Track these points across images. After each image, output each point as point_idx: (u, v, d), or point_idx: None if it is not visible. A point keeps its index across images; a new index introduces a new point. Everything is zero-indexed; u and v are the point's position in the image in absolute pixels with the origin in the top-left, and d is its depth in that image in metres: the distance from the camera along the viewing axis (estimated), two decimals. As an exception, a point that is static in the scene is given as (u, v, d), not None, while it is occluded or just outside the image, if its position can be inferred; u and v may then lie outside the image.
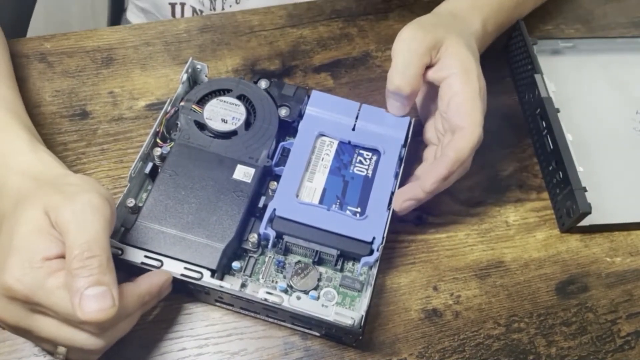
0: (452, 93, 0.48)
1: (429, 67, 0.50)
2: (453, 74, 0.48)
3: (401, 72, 0.49)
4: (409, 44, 0.49)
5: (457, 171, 0.49)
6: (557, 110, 0.55)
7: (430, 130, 0.53)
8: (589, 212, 0.50)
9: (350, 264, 0.48)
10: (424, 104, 0.54)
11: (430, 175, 0.48)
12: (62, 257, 0.38)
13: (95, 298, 0.36)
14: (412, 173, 0.52)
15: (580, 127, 0.58)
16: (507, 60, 0.64)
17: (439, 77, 0.49)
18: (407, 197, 0.49)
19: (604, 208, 0.53)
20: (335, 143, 0.52)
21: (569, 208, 0.52)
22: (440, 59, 0.49)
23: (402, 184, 0.51)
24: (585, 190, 0.51)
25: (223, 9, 0.69)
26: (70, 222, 0.38)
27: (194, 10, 0.71)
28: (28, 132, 0.46)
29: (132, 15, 0.80)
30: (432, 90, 0.51)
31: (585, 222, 0.52)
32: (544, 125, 0.56)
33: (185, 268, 0.45)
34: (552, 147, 0.54)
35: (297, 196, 0.49)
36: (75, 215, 0.38)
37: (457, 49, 0.49)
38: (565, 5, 0.70)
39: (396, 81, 0.49)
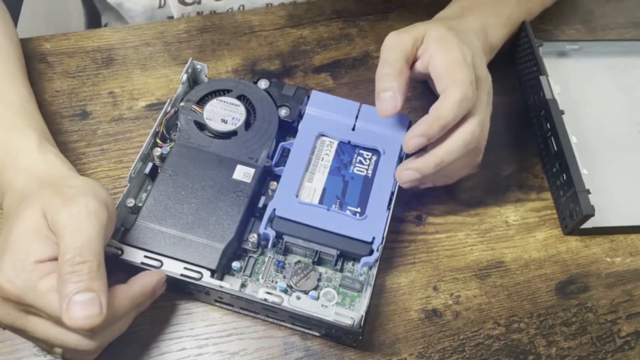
0: (436, 68, 0.48)
1: (415, 61, 0.50)
2: (433, 52, 0.48)
3: (386, 58, 0.49)
4: (391, 40, 0.49)
5: (461, 154, 0.48)
6: (562, 112, 0.55)
7: None
8: (592, 215, 0.50)
9: (350, 264, 0.48)
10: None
11: (410, 132, 0.47)
12: (56, 259, 0.38)
13: (82, 305, 0.36)
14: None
15: (584, 130, 0.58)
16: (512, 62, 0.64)
17: (424, 62, 0.49)
18: (407, 166, 0.49)
19: (608, 211, 0.53)
20: (335, 143, 0.52)
21: (572, 210, 0.52)
22: (423, 48, 0.49)
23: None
24: (589, 193, 0.51)
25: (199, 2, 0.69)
26: (65, 226, 0.38)
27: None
28: (39, 132, 0.47)
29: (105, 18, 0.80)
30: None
31: (588, 224, 0.52)
32: (549, 127, 0.56)
33: (185, 268, 0.45)
34: (556, 149, 0.54)
35: (297, 196, 0.49)
36: (70, 219, 0.38)
37: (436, 33, 0.49)
38: (565, 5, 0.70)
39: (383, 67, 0.48)
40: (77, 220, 0.38)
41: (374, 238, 0.47)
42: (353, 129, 0.53)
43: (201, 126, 0.51)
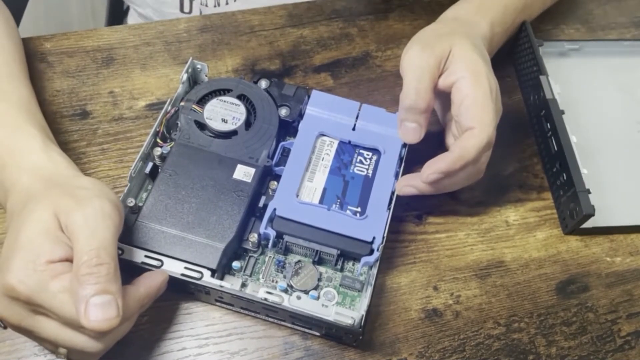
0: (462, 96, 0.48)
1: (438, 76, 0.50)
2: (462, 77, 0.48)
3: (414, 88, 0.49)
4: (418, 60, 0.49)
5: (465, 172, 0.49)
6: (562, 112, 0.55)
7: (449, 137, 0.53)
8: (593, 215, 0.50)
9: (350, 263, 0.48)
10: (443, 111, 0.54)
11: (430, 167, 0.48)
12: (67, 260, 0.38)
13: (101, 307, 0.36)
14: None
15: (584, 129, 0.58)
16: (512, 61, 0.64)
17: (449, 83, 0.49)
18: (408, 183, 0.50)
19: (608, 210, 0.53)
20: (336, 143, 0.52)
21: (572, 210, 0.52)
22: (448, 66, 0.49)
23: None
24: (589, 193, 0.51)
25: (218, 4, 0.69)
26: (80, 227, 0.38)
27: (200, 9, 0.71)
28: (41, 131, 0.47)
29: (132, 20, 0.80)
30: (448, 97, 0.51)
31: (588, 224, 0.52)
32: (549, 127, 0.55)
33: (186, 268, 0.45)
34: (556, 148, 0.54)
35: (298, 196, 0.49)
36: (86, 221, 0.38)
37: (464, 53, 0.49)
38: (565, 5, 0.70)
39: (410, 97, 0.49)
40: (92, 222, 0.38)
41: (374, 238, 0.47)
42: (353, 129, 0.53)
43: (201, 126, 0.51)
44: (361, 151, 0.52)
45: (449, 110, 0.51)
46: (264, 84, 0.55)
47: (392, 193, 0.50)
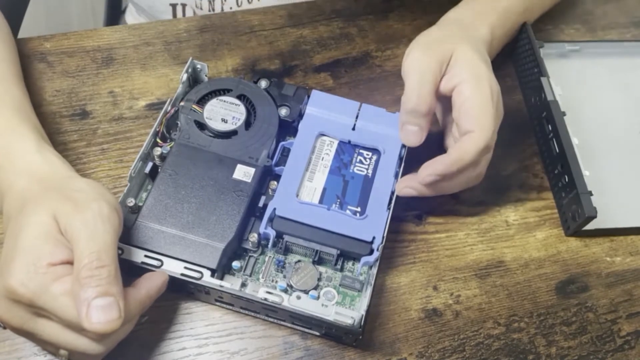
0: (463, 99, 0.48)
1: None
2: (463, 81, 0.48)
3: (416, 91, 0.48)
4: (420, 63, 0.49)
5: (464, 175, 0.49)
6: (563, 114, 0.55)
7: (449, 139, 0.53)
8: (595, 216, 0.50)
9: (350, 263, 0.48)
10: (443, 114, 0.54)
11: (427, 168, 0.48)
12: (67, 263, 0.38)
13: (102, 309, 0.36)
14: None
15: (586, 131, 0.58)
16: (513, 63, 0.64)
17: (451, 86, 0.49)
18: (408, 184, 0.50)
19: (610, 212, 0.53)
20: (335, 143, 0.52)
21: (574, 212, 0.51)
22: (450, 69, 0.49)
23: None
24: (591, 195, 0.50)
25: (222, 10, 0.69)
26: (80, 231, 0.38)
27: (194, 12, 0.71)
28: (36, 132, 0.47)
29: (131, 16, 0.80)
30: (449, 100, 0.51)
31: (590, 226, 0.52)
32: (550, 128, 0.55)
33: (186, 268, 0.45)
34: (557, 150, 0.54)
35: (297, 196, 0.49)
36: (85, 224, 0.38)
37: (466, 57, 0.49)
38: (565, 5, 0.70)
39: (412, 100, 0.48)
40: (92, 225, 0.38)
41: (374, 237, 0.47)
42: (353, 129, 0.53)
43: (201, 126, 0.51)
44: (361, 151, 0.52)
45: (450, 113, 0.51)
46: (263, 84, 0.55)
47: (392, 193, 0.50)
